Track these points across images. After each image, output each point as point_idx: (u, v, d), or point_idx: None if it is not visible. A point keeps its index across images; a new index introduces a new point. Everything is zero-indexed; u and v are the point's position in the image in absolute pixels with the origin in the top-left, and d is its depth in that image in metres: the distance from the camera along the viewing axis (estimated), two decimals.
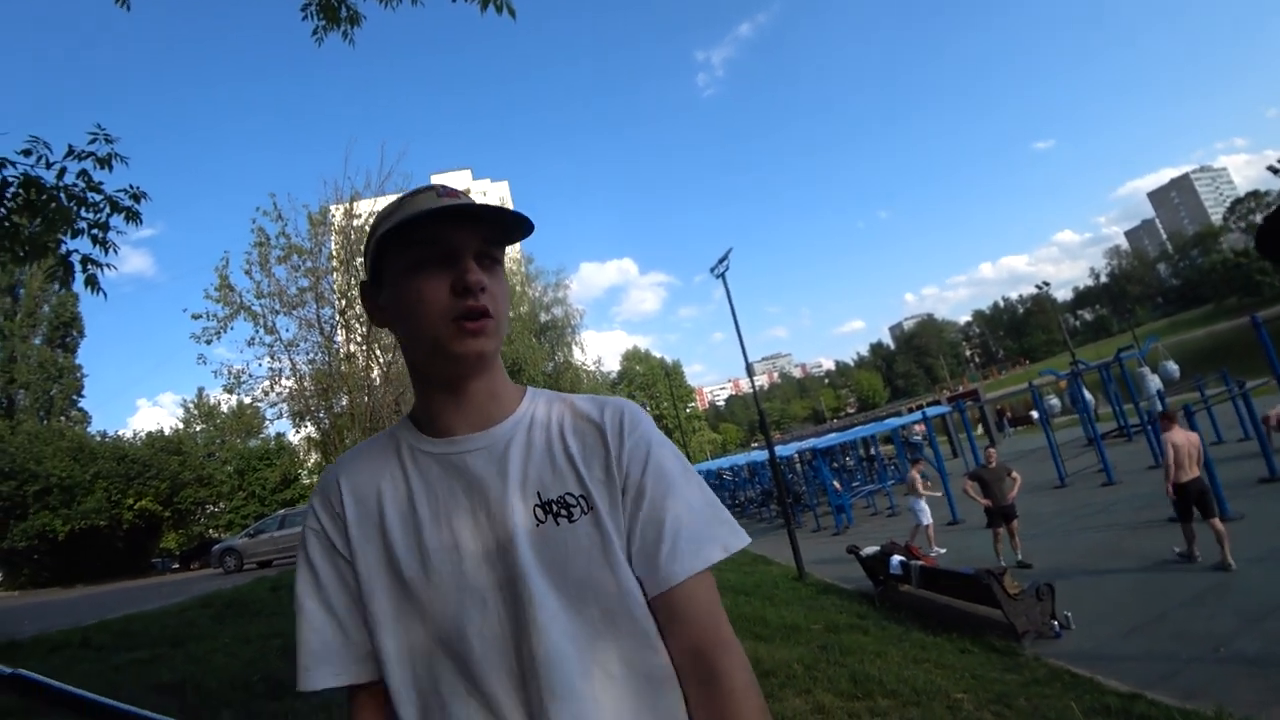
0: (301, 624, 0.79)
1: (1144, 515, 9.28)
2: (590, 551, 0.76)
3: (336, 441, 13.23)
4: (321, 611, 0.79)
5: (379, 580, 0.77)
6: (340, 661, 0.78)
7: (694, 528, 0.79)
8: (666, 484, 0.81)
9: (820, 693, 4.52)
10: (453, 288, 0.76)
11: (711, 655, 0.75)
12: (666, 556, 0.77)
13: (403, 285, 0.78)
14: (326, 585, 0.80)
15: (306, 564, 0.81)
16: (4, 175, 3.13)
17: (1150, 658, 5.26)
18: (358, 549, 0.79)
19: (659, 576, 0.77)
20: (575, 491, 0.79)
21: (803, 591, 9.40)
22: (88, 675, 5.49)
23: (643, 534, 0.78)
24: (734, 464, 27.76)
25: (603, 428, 0.83)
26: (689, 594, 0.77)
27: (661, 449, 0.83)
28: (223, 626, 7.69)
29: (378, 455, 0.84)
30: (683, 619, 0.77)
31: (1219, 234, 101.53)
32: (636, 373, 61.26)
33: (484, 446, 0.81)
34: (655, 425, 0.86)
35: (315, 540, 0.81)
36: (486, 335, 0.78)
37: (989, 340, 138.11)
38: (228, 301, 12.22)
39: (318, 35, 3.94)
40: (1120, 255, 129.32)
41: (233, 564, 18.04)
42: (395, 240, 0.78)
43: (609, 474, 0.80)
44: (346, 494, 0.81)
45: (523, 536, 0.76)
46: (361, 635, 0.78)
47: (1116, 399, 17.18)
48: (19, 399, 34.56)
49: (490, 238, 0.80)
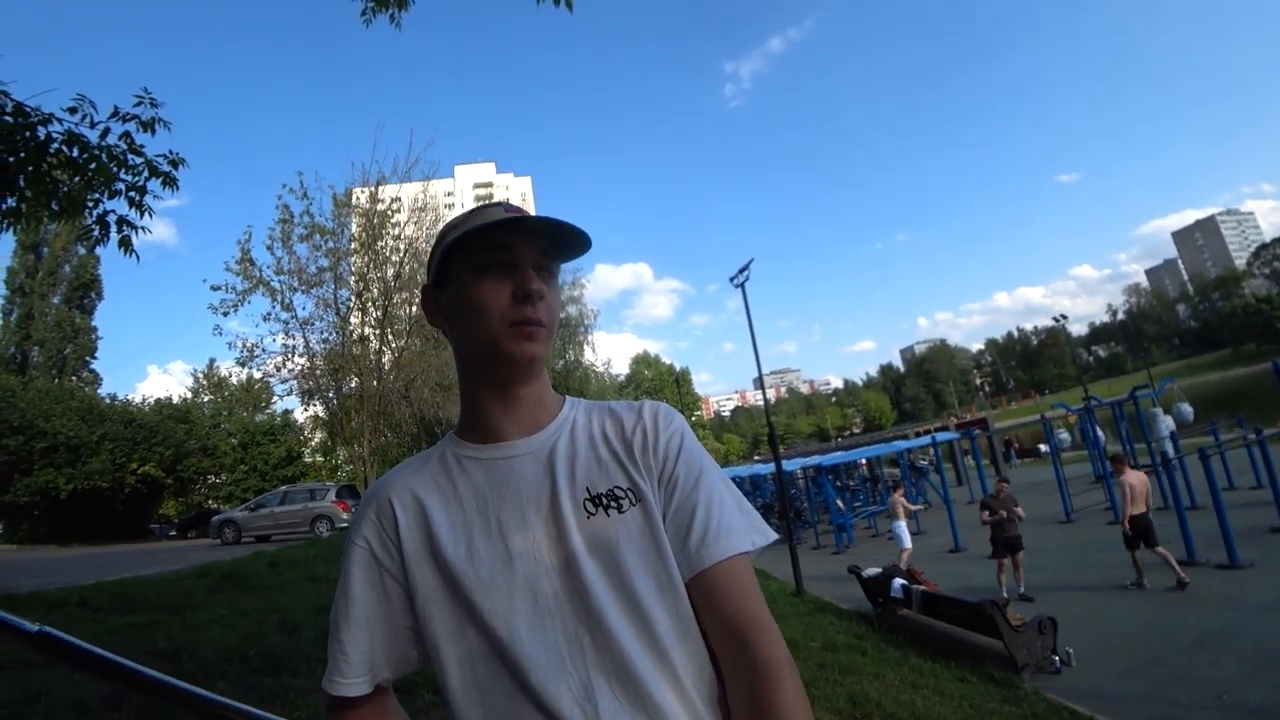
0: (342, 635, 0.81)
1: (1149, 555, 9.16)
2: (642, 540, 0.78)
3: (344, 422, 13.28)
4: (362, 627, 0.81)
5: (436, 593, 0.79)
6: (369, 674, 0.81)
7: (726, 516, 0.81)
8: (698, 474, 0.83)
9: (818, 711, 4.48)
10: (514, 294, 0.81)
11: (745, 634, 0.74)
12: (697, 541, 0.78)
13: (467, 288, 0.82)
14: (369, 602, 0.81)
15: (351, 580, 0.82)
16: (49, 131, 3.16)
17: (1150, 699, 5.19)
18: (412, 565, 0.80)
19: (692, 560, 0.78)
20: (623, 485, 0.82)
21: (801, 607, 9.35)
22: (84, 636, 5.42)
23: (675, 519, 0.80)
24: (737, 475, 27.70)
25: (642, 423, 0.87)
26: (723, 575, 0.77)
27: (693, 443, 0.87)
28: (219, 597, 7.72)
29: (425, 469, 0.87)
30: (716, 600, 0.77)
31: (1242, 278, 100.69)
32: (645, 377, 61.37)
33: (530, 451, 0.84)
34: (687, 423, 0.90)
35: (362, 557, 0.83)
36: (538, 341, 0.82)
37: (1000, 370, 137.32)
38: (248, 275, 12.32)
39: (366, 17, 3.96)
40: (1139, 293, 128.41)
41: (231, 536, 18.13)
42: (463, 247, 0.82)
43: (649, 466, 0.83)
44: (400, 510, 0.83)
45: (574, 531, 0.78)
46: (392, 651, 0.81)
47: (1128, 437, 17.01)
48: (33, 356, 34.93)
49: (549, 252, 0.84)
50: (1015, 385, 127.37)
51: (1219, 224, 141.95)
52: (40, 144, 3.11)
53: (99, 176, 3.21)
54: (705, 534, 0.79)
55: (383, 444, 12.22)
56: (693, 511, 0.80)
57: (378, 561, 0.82)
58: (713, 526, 0.79)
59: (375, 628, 0.81)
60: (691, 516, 0.80)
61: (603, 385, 38.67)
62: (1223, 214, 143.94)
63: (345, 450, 14.14)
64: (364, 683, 0.80)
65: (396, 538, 0.81)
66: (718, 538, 0.79)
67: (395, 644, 0.81)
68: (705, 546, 0.78)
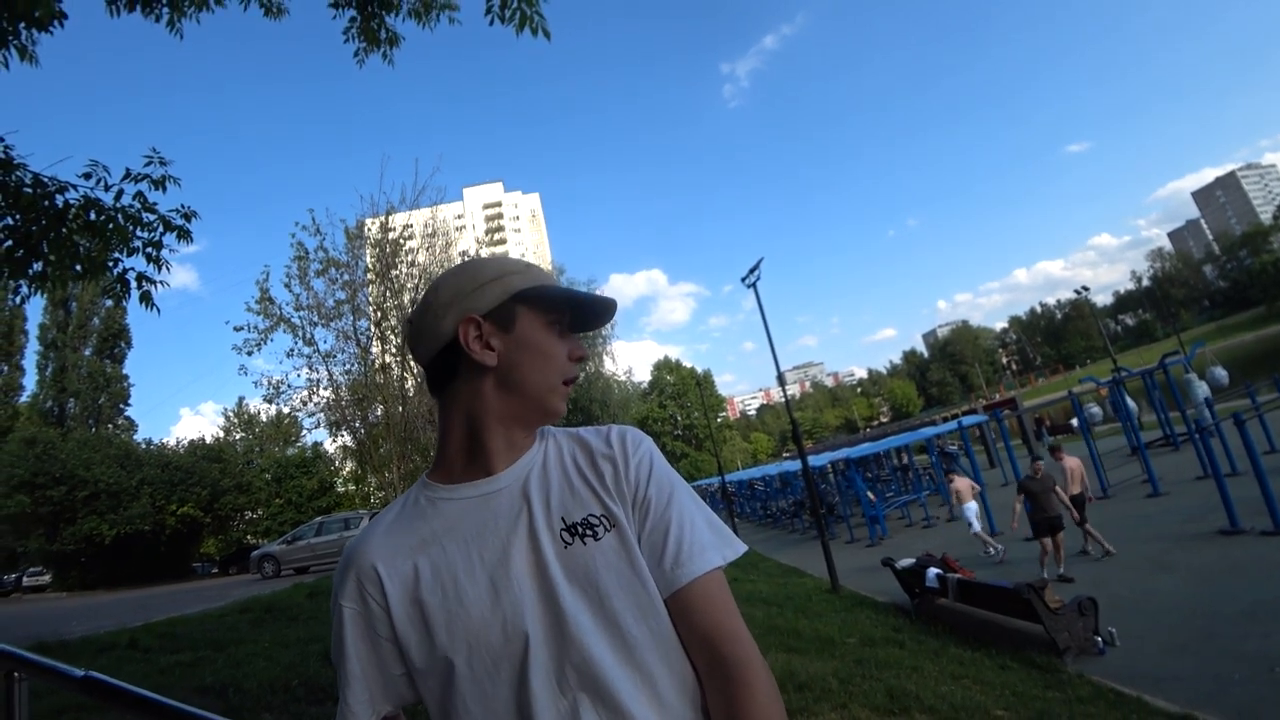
0: (343, 690, 0.85)
1: (1191, 528, 8.97)
2: (619, 565, 0.81)
3: (372, 450, 13.47)
4: (359, 679, 0.84)
5: (424, 641, 0.81)
6: (373, 715, 0.85)
7: (696, 534, 0.84)
8: (668, 495, 0.86)
9: (856, 708, 4.46)
10: (570, 354, 0.91)
11: (721, 647, 0.78)
12: (671, 561, 0.81)
13: (539, 338, 0.89)
14: (362, 656, 0.84)
15: (344, 641, 0.85)
16: (66, 198, 3.30)
17: (1200, 677, 5.08)
18: (400, 621, 0.82)
19: (668, 579, 0.81)
20: (597, 511, 0.84)
21: (837, 604, 9.28)
22: (135, 676, 5.66)
23: (650, 541, 0.83)
24: (765, 474, 27.55)
25: (611, 451, 0.89)
26: (699, 592, 0.81)
27: (662, 464, 0.90)
28: (262, 631, 7.87)
29: (405, 521, 0.88)
30: (693, 616, 0.80)
31: (1269, 233, 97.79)
32: (667, 382, 61.18)
33: (505, 485, 0.87)
34: (655, 445, 0.93)
35: (350, 617, 0.85)
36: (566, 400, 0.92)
37: (1026, 347, 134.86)
38: (268, 314, 12.54)
39: (359, 58, 4.07)
40: (1163, 257, 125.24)
41: (270, 570, 18.42)
42: (540, 299, 0.90)
43: (621, 491, 0.86)
44: (386, 576, 0.83)
45: (553, 562, 0.81)
46: (390, 694, 0.86)
47: (1162, 406, 16.65)
48: (70, 407, 35.91)
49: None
50: (1043, 361, 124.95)
51: (1240, 179, 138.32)
52: (59, 211, 3.26)
53: (116, 236, 3.35)
54: (679, 553, 0.82)
55: (412, 469, 12.34)
56: (665, 532, 0.83)
57: (366, 623, 0.84)
58: (685, 545, 0.82)
59: (372, 679, 0.85)
60: (665, 537, 0.83)
61: (625, 394, 38.78)
62: (1243, 169, 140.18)
63: (376, 478, 14.26)
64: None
65: (383, 599, 0.83)
66: (691, 556, 0.82)
67: (390, 689, 0.86)
68: (680, 566, 0.81)
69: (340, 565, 0.89)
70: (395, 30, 4.15)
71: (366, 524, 0.97)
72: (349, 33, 4.10)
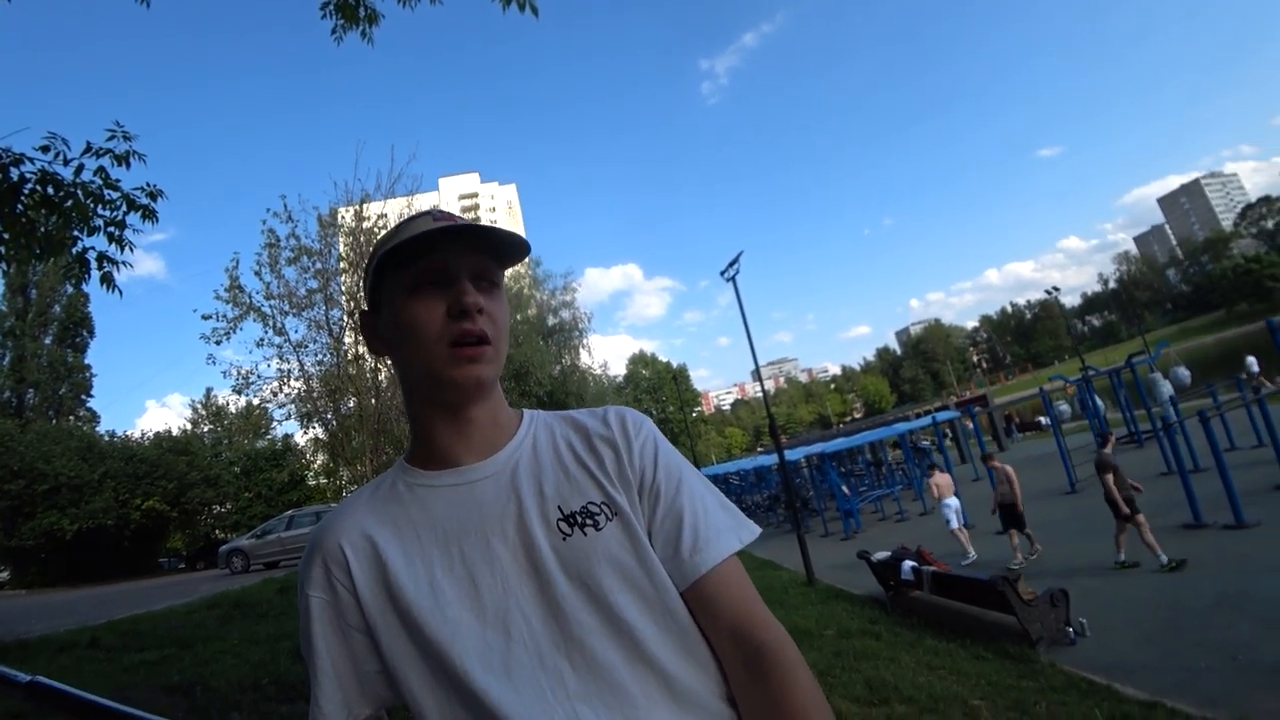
0: (314, 688, 0.76)
1: (1156, 522, 9.15)
2: (623, 556, 0.74)
3: (344, 443, 13.25)
4: (330, 677, 0.75)
5: (400, 638, 0.73)
6: (350, 717, 0.76)
7: (711, 518, 0.79)
8: (678, 479, 0.80)
9: (836, 699, 4.48)
10: (449, 310, 0.74)
11: (754, 635, 0.72)
12: (689, 548, 0.76)
13: (399, 309, 0.76)
14: (332, 652, 0.76)
15: (312, 634, 0.76)
16: (22, 171, 3.13)
17: (1167, 666, 5.19)
18: (372, 612, 0.74)
19: (685, 569, 0.75)
20: (597, 499, 0.77)
21: (813, 596, 9.35)
22: (97, 676, 5.49)
23: (663, 529, 0.77)
24: (741, 468, 27.69)
25: (610, 433, 0.82)
26: (720, 580, 0.75)
27: (667, 447, 0.84)
28: (230, 628, 7.70)
29: (375, 503, 0.79)
30: (717, 604, 0.74)
31: (1230, 239, 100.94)
32: (642, 376, 61.30)
33: (490, 474, 0.78)
34: (656, 426, 0.86)
35: (318, 608, 0.76)
36: (484, 361, 0.76)
37: (996, 346, 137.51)
38: (237, 302, 12.25)
39: (337, 35, 3.94)
40: (1129, 261, 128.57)
41: (239, 565, 18.10)
42: (392, 264, 0.76)
43: (625, 477, 0.79)
44: (351, 555, 0.75)
45: (548, 555, 0.73)
46: (366, 694, 0.76)
47: (1127, 404, 17.06)
48: (29, 398, 34.78)
49: (489, 259, 0.78)
50: (1012, 360, 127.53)
51: (1204, 187, 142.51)
52: (14, 185, 3.09)
53: (76, 214, 3.19)
54: (696, 540, 0.76)
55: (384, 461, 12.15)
56: (680, 519, 0.77)
57: (335, 612, 0.75)
58: (702, 532, 0.77)
59: (344, 676, 0.75)
60: (680, 525, 0.77)
61: (601, 388, 38.60)
62: (1207, 177, 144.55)
63: (348, 470, 14.05)
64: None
65: (351, 585, 0.74)
66: (709, 542, 0.76)
67: (367, 689, 0.76)
68: (698, 553, 0.75)
69: (305, 553, 0.80)
70: (374, 7, 4.02)
71: (335, 507, 0.87)
72: (326, 8, 3.96)
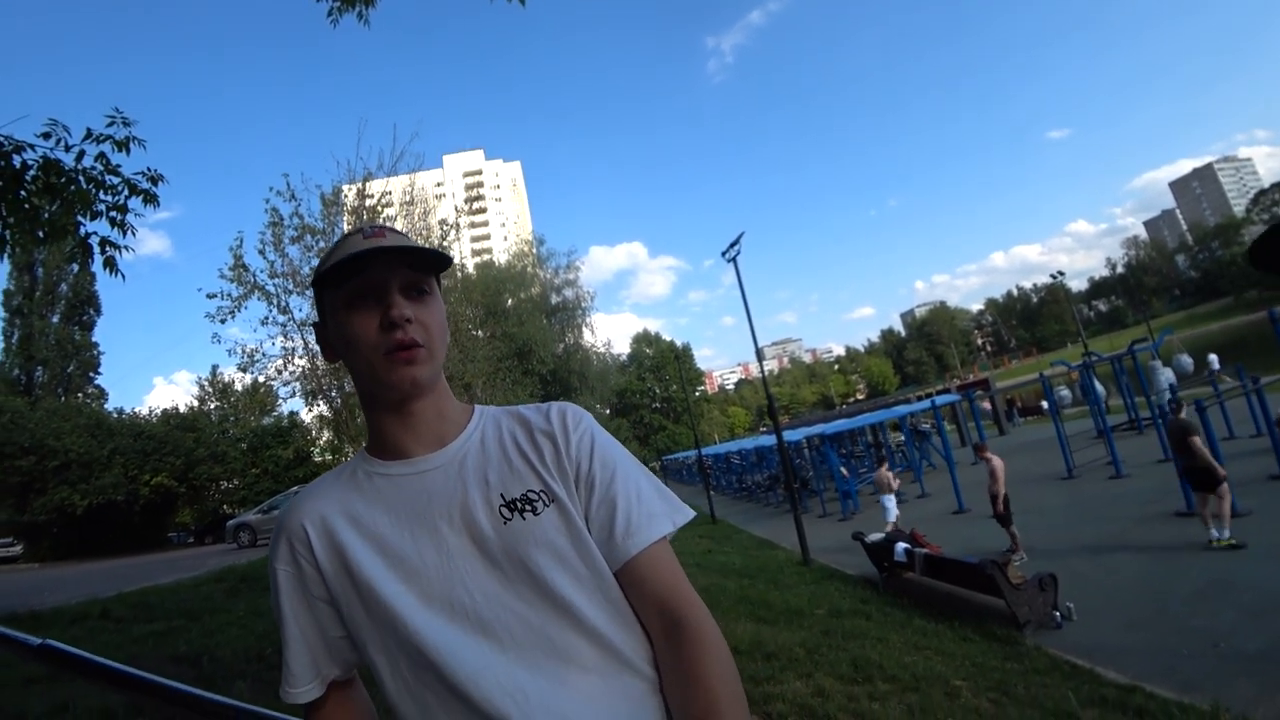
0: (284, 651, 0.86)
1: (1150, 509, 9.26)
2: (559, 539, 0.82)
3: (348, 420, 13.39)
4: (299, 641, 0.85)
5: (358, 608, 0.82)
6: (317, 679, 0.86)
7: (643, 504, 0.85)
8: (612, 469, 0.87)
9: (821, 676, 4.59)
10: (381, 323, 0.82)
11: (676, 610, 0.80)
12: (622, 532, 0.83)
13: (340, 323, 0.85)
14: (299, 618, 0.85)
15: (280, 604, 0.85)
16: (24, 158, 3.19)
17: (1150, 651, 5.28)
18: (333, 584, 0.83)
19: (618, 552, 0.82)
20: (535, 487, 0.84)
21: (807, 576, 9.49)
22: (108, 646, 5.64)
23: (598, 516, 0.84)
24: (742, 448, 27.82)
25: (550, 427, 0.89)
26: (649, 562, 0.82)
27: (604, 439, 0.90)
28: (236, 600, 7.87)
29: (337, 488, 0.88)
30: (646, 584, 0.82)
31: (1241, 225, 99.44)
32: (646, 355, 61.27)
33: (440, 465, 0.86)
34: (596, 421, 0.93)
35: (285, 580, 0.85)
36: (418, 363, 0.83)
37: (1001, 329, 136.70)
38: (242, 281, 12.29)
39: (333, 17, 3.95)
40: (1138, 246, 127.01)
41: (246, 539, 18.36)
42: (330, 282, 0.85)
43: (562, 468, 0.86)
44: (313, 534, 0.84)
45: (491, 537, 0.81)
46: (333, 657, 0.86)
47: (1128, 391, 17.05)
48: (37, 376, 35.04)
49: (417, 269, 0.85)
50: (1017, 344, 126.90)
51: (1217, 172, 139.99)
52: (16, 172, 3.15)
53: (77, 199, 3.25)
54: (629, 524, 0.83)
55: None
56: (613, 505, 0.84)
57: (300, 584, 0.85)
58: (634, 516, 0.84)
59: (311, 640, 0.85)
60: (613, 510, 0.84)
61: (604, 366, 38.62)
62: (1220, 161, 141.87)
63: (353, 447, 14.16)
64: (314, 688, 0.85)
65: (314, 560, 0.83)
66: (640, 526, 0.83)
67: (334, 652, 0.86)
68: (630, 536, 0.82)
69: (274, 532, 0.90)
70: None
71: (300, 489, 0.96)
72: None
